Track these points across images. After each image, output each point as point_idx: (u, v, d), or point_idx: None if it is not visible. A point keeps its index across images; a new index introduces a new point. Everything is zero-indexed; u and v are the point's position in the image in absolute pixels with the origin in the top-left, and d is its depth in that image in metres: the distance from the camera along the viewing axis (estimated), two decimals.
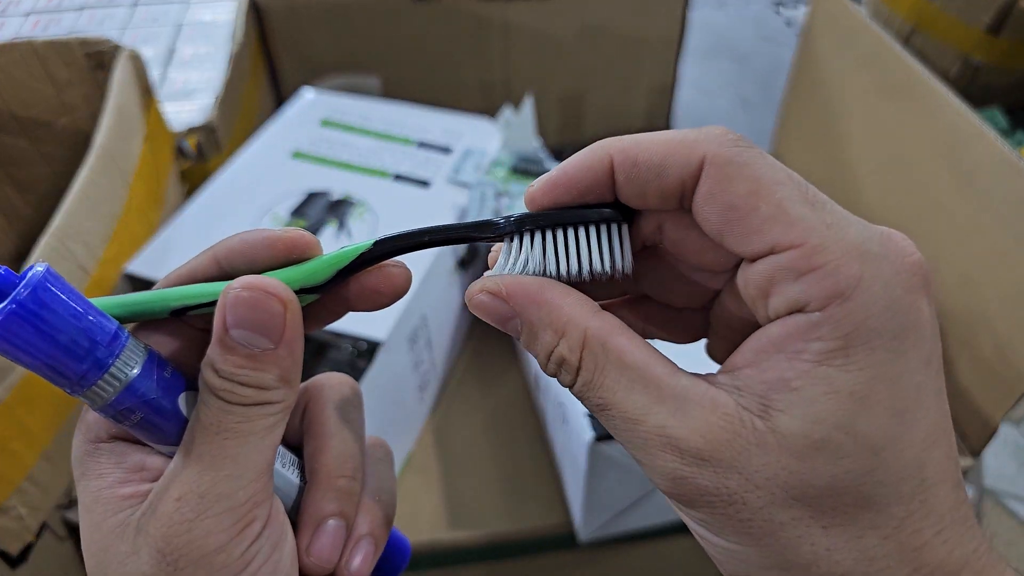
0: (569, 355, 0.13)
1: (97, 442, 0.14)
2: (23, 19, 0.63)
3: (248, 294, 0.13)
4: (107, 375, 0.13)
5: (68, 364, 0.12)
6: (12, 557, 0.34)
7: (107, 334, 0.13)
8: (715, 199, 0.12)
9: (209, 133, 0.51)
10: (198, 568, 0.13)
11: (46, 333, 0.12)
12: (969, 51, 1.04)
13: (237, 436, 0.13)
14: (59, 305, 0.12)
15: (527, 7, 0.83)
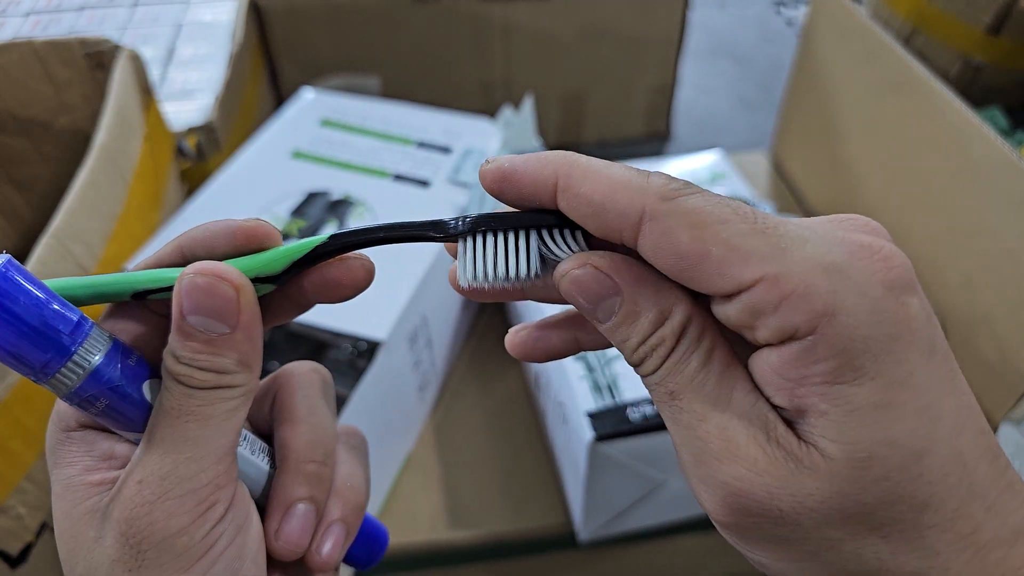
0: (669, 336, 0.13)
1: (68, 431, 0.14)
2: (23, 19, 0.63)
3: (202, 279, 0.13)
4: (70, 363, 0.13)
5: (31, 352, 0.13)
6: (12, 557, 0.34)
7: (69, 323, 0.13)
8: (663, 252, 0.12)
9: (209, 133, 0.51)
10: (161, 551, 0.13)
11: (8, 322, 0.12)
12: (969, 51, 1.04)
13: (198, 419, 0.13)
14: (21, 294, 0.12)
15: (527, 7, 0.83)
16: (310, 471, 0.16)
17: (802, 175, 0.58)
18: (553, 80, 0.93)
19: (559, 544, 0.40)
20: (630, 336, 0.13)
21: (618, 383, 0.31)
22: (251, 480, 0.16)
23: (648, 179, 0.13)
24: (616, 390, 0.31)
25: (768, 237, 0.12)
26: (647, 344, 0.13)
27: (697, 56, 1.26)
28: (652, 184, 0.13)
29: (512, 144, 0.46)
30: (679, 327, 0.13)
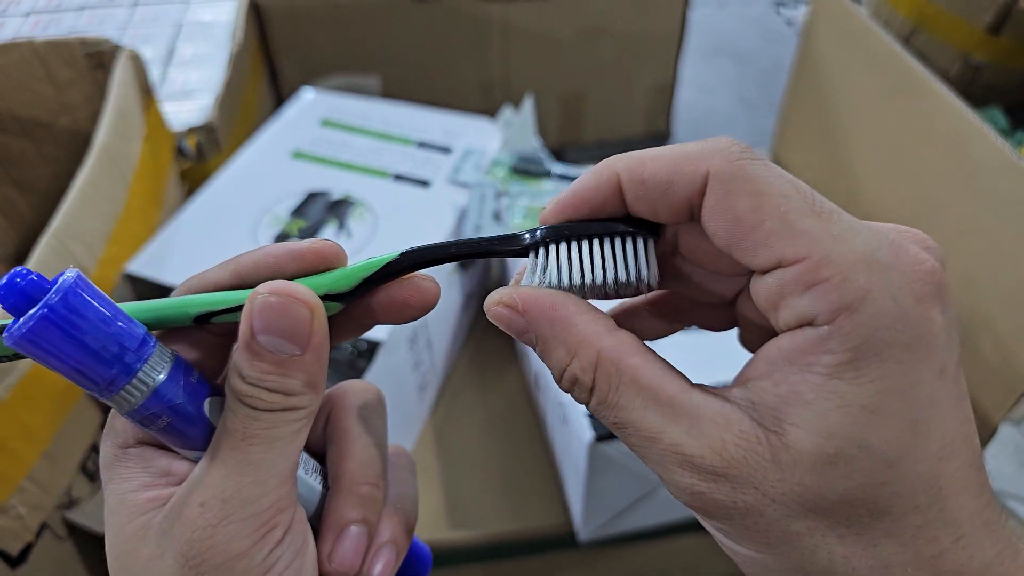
0: (582, 375, 0.13)
1: (125, 447, 0.14)
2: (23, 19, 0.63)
3: (276, 299, 0.13)
4: (135, 380, 0.13)
5: (97, 369, 0.13)
6: (12, 557, 0.34)
7: (135, 339, 0.13)
8: (720, 214, 0.13)
9: (209, 133, 0.51)
10: (220, 572, 0.13)
11: (76, 338, 0.12)
12: (970, 51, 1.04)
13: (262, 442, 0.13)
14: (89, 311, 0.12)
15: (527, 7, 0.83)
16: (364, 493, 0.16)
17: (802, 174, 0.58)
18: (553, 80, 0.93)
19: (559, 544, 0.40)
20: (552, 368, 0.14)
21: None
22: (305, 500, 0.16)
23: (711, 143, 0.13)
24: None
25: (822, 220, 0.12)
26: (565, 378, 0.13)
27: (697, 56, 1.26)
28: (716, 145, 0.13)
29: (512, 144, 0.46)
30: (590, 364, 0.13)
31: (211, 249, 0.39)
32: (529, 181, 0.44)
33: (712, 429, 0.12)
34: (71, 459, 0.37)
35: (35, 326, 0.12)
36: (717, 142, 0.13)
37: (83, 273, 0.18)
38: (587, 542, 0.38)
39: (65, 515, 0.37)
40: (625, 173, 0.14)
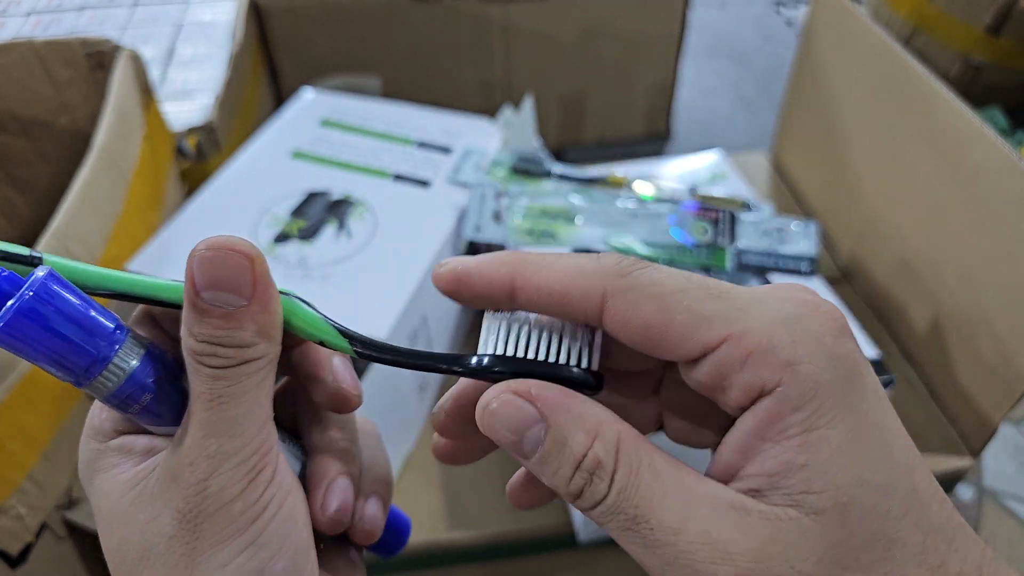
0: (605, 456, 0.13)
1: (105, 441, 0.15)
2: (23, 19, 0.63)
3: (212, 253, 0.13)
4: (111, 366, 0.14)
5: (72, 359, 0.13)
6: (12, 557, 0.34)
7: (107, 329, 0.14)
8: (630, 324, 0.13)
9: (209, 133, 0.51)
10: (216, 520, 0.13)
11: (51, 330, 0.13)
12: (970, 51, 1.04)
13: (231, 399, 0.14)
14: (61, 303, 0.13)
15: (527, 7, 0.83)
16: (343, 447, 0.17)
17: (802, 175, 0.58)
18: (553, 80, 0.93)
19: (558, 544, 0.40)
20: (561, 465, 0.13)
21: None
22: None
23: (600, 260, 0.14)
24: None
25: (724, 300, 0.13)
26: (583, 470, 0.13)
27: (697, 56, 1.26)
28: (607, 264, 0.13)
29: (512, 144, 0.46)
30: (613, 444, 0.13)
31: None
32: (529, 181, 0.44)
33: (736, 514, 0.12)
34: (70, 459, 0.37)
35: (11, 320, 0.12)
36: (607, 259, 0.14)
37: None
38: (586, 542, 0.38)
39: (65, 515, 0.37)
40: (519, 279, 0.14)
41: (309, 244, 0.39)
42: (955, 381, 0.41)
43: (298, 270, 0.38)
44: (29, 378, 0.32)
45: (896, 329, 0.47)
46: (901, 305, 0.46)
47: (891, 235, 0.46)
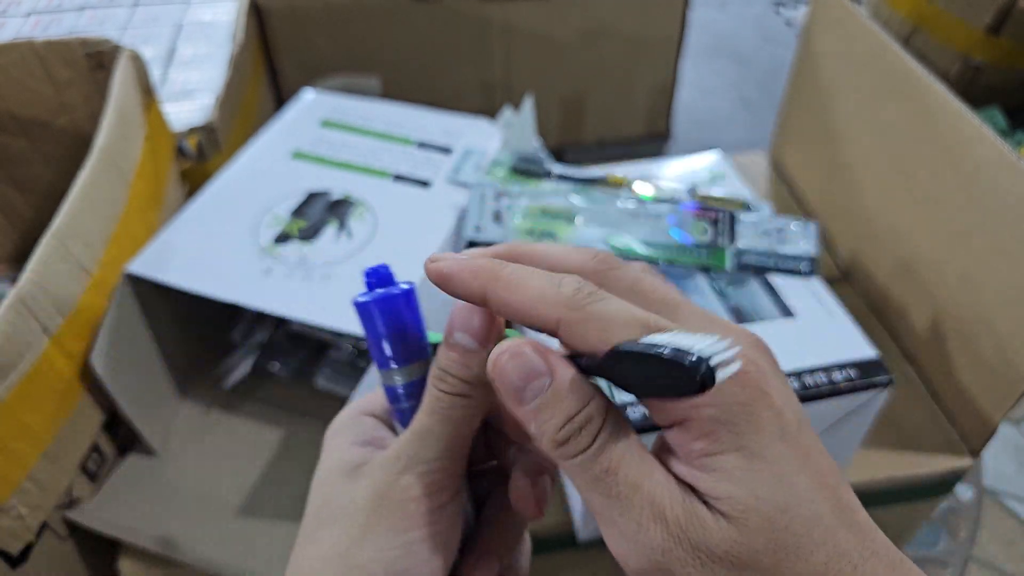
0: (596, 415, 0.15)
1: (363, 415, 0.19)
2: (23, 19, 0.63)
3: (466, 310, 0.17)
4: (413, 367, 0.18)
5: (396, 347, 0.18)
6: (12, 557, 0.34)
7: (424, 344, 0.19)
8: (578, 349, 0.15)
9: (209, 133, 0.51)
10: (398, 509, 0.17)
11: (398, 320, 0.18)
12: (969, 51, 1.04)
13: (442, 418, 0.17)
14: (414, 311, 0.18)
15: (528, 8, 0.83)
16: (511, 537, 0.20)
17: (801, 175, 0.58)
18: (553, 80, 0.93)
19: (559, 543, 0.40)
20: (555, 415, 0.15)
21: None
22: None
23: (559, 289, 0.15)
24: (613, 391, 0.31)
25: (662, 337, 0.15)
26: (574, 423, 0.15)
27: (697, 56, 1.26)
28: (563, 295, 0.15)
29: (512, 145, 0.46)
30: (604, 408, 0.15)
31: (212, 249, 0.39)
32: (529, 181, 0.44)
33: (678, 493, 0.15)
34: (72, 459, 0.37)
35: (385, 296, 0.18)
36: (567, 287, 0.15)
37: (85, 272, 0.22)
38: (586, 541, 0.38)
39: (65, 515, 0.37)
40: (489, 293, 0.16)
41: (310, 244, 0.39)
42: (955, 381, 0.42)
43: (299, 270, 0.38)
44: (30, 377, 0.32)
45: (896, 329, 0.47)
46: (901, 305, 0.46)
47: (891, 235, 0.46)
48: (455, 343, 0.17)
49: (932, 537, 0.65)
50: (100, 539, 0.37)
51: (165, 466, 0.41)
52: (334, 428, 0.19)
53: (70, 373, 0.35)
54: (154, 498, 0.39)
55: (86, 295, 0.35)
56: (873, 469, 0.40)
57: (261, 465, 0.40)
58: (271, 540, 0.37)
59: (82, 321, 0.35)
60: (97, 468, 0.39)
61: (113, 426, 0.40)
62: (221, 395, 0.44)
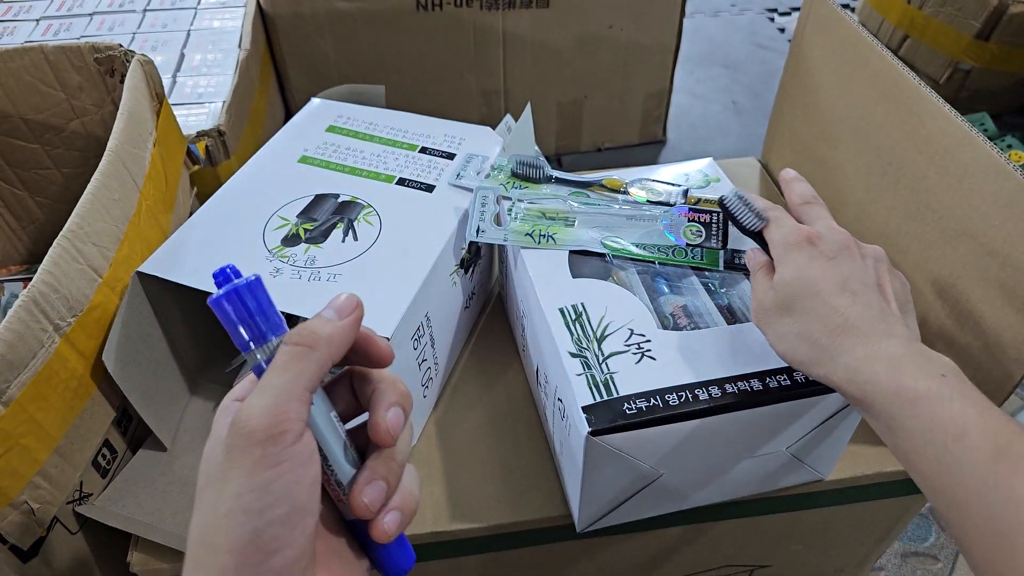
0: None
1: (236, 400, 0.22)
2: (34, 24, 0.64)
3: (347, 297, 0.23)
4: (266, 346, 0.21)
5: (252, 330, 0.21)
6: (23, 551, 0.34)
7: (277, 324, 0.22)
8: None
9: (218, 137, 0.52)
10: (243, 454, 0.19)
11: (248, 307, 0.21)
12: (959, 56, 1.05)
13: (281, 368, 0.20)
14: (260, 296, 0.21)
15: (526, 16, 0.84)
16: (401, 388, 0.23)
17: None
18: (551, 87, 0.94)
19: (558, 535, 0.41)
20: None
21: (614, 380, 0.32)
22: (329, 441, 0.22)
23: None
24: (613, 386, 0.32)
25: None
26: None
27: (691, 63, 1.28)
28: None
29: (512, 151, 0.47)
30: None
31: (220, 251, 0.40)
32: (528, 185, 0.45)
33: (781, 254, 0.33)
34: (82, 455, 0.37)
35: (232, 291, 0.21)
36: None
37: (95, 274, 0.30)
38: (584, 533, 0.39)
39: (76, 510, 0.38)
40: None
41: (317, 246, 0.40)
42: None
43: (306, 271, 0.39)
44: (41, 375, 0.33)
45: None
46: None
47: (880, 237, 0.47)
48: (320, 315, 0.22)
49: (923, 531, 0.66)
50: (111, 533, 0.38)
51: (175, 461, 0.41)
52: (216, 416, 0.22)
53: (82, 371, 0.36)
54: (165, 493, 0.40)
55: (97, 295, 0.36)
56: (863, 464, 0.41)
57: None
58: None
59: (93, 320, 0.36)
60: (108, 464, 0.40)
61: (124, 422, 0.41)
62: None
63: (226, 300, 0.21)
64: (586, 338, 0.34)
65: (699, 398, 0.32)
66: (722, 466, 0.36)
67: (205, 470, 0.20)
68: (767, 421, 0.33)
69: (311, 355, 0.20)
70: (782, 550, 0.48)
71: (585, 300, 0.37)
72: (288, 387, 0.20)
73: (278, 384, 0.20)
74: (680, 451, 0.33)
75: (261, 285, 0.21)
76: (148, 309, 0.40)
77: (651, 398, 0.32)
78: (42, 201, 0.54)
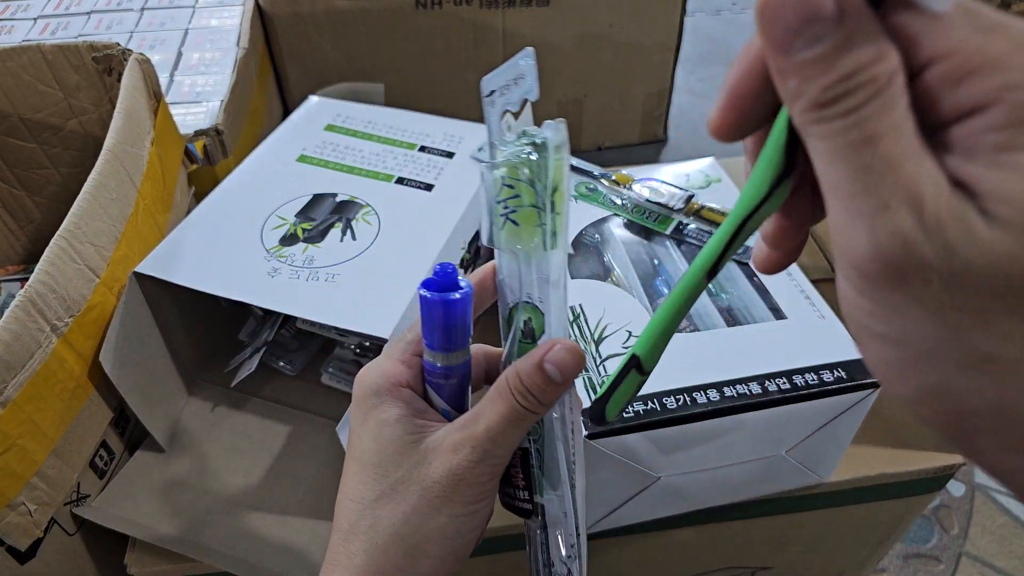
0: (882, 79, 0.12)
1: (398, 385, 0.23)
2: (32, 23, 0.64)
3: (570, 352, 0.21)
4: (457, 353, 0.23)
5: (449, 337, 0.22)
6: (21, 552, 0.34)
7: (468, 338, 0.23)
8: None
9: (216, 137, 0.51)
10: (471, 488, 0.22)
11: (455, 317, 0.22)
12: None
13: (515, 425, 0.21)
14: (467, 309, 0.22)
15: (527, 14, 0.84)
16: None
17: None
18: (551, 86, 0.94)
19: None
20: (832, 70, 0.12)
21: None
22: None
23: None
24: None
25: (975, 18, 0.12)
26: (854, 79, 0.12)
27: (692, 62, 1.27)
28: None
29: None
30: (893, 69, 0.12)
31: (218, 250, 0.40)
32: None
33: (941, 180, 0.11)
34: (80, 456, 0.37)
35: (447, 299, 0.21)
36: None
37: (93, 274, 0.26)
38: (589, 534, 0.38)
39: (74, 511, 0.37)
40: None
41: (315, 245, 0.40)
42: None
43: (304, 270, 0.39)
44: (39, 375, 0.33)
45: None
46: None
47: None
48: (546, 372, 0.21)
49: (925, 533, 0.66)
50: (108, 534, 0.38)
51: (173, 462, 0.41)
52: (373, 390, 0.23)
53: (79, 371, 0.36)
54: (162, 494, 0.39)
55: (95, 295, 0.36)
56: (866, 466, 0.41)
57: (268, 461, 0.41)
58: (278, 535, 0.38)
59: (91, 320, 0.36)
60: (106, 465, 0.40)
61: (122, 423, 0.41)
62: (228, 392, 0.45)
63: (439, 305, 0.21)
64: (584, 340, 0.34)
65: (697, 402, 0.32)
66: (721, 469, 0.36)
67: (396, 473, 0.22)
68: (766, 425, 0.33)
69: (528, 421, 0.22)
70: (783, 552, 0.48)
71: (583, 301, 0.36)
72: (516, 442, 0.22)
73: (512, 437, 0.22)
74: (679, 454, 0.33)
75: (470, 300, 0.22)
76: (146, 309, 0.40)
77: (649, 401, 0.31)
78: (40, 201, 0.54)
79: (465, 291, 0.22)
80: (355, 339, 0.44)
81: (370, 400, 0.23)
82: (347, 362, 0.45)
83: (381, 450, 0.22)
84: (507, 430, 0.21)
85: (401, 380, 0.23)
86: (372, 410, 0.23)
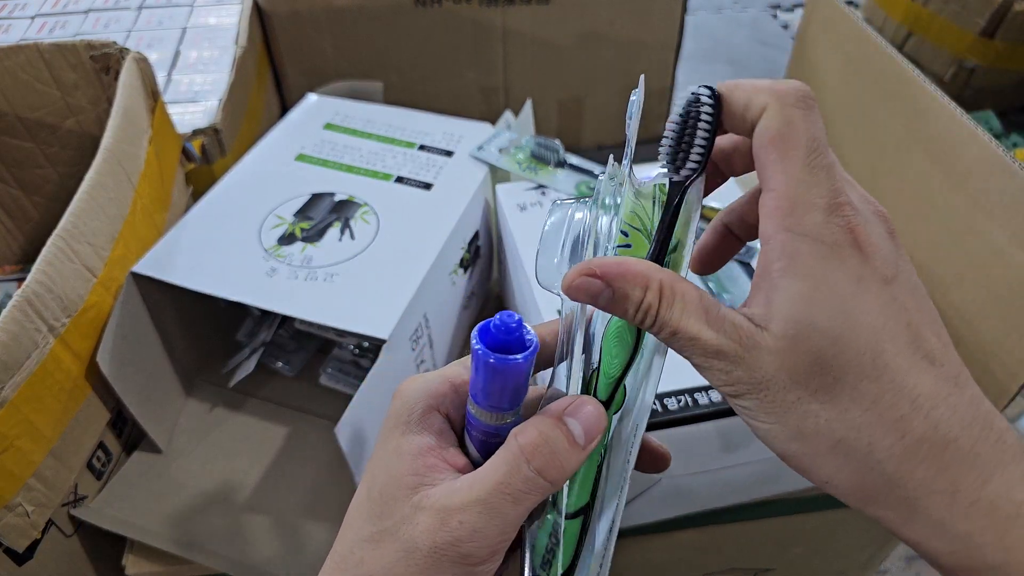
0: (652, 300, 0.18)
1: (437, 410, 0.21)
2: (29, 22, 0.64)
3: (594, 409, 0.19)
4: (507, 415, 0.20)
5: (503, 398, 0.19)
6: (18, 554, 0.34)
7: (520, 403, 0.20)
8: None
9: (214, 136, 0.51)
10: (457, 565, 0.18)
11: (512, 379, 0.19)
12: (964, 54, 1.05)
13: (514, 501, 0.18)
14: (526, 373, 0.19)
15: (527, 11, 0.83)
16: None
17: None
18: (552, 84, 0.93)
19: None
20: (627, 309, 0.18)
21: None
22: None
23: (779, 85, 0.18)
24: None
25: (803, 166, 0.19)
26: (640, 311, 0.18)
27: (693, 60, 1.27)
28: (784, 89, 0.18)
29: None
30: (657, 291, 0.18)
31: (216, 250, 0.40)
32: (544, 168, 0.45)
33: (732, 331, 0.17)
34: (78, 457, 0.37)
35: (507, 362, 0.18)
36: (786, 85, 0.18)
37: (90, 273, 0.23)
38: None
39: (71, 512, 0.37)
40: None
41: (313, 245, 0.40)
42: None
43: (303, 270, 0.38)
44: (37, 376, 0.32)
45: None
46: None
47: None
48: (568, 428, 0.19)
49: None
50: (106, 536, 0.38)
51: (171, 463, 0.41)
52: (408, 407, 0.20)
53: (76, 372, 0.35)
54: (160, 495, 0.39)
55: (92, 295, 0.36)
56: None
57: (266, 462, 0.41)
58: (276, 536, 0.37)
59: (88, 321, 0.35)
60: (103, 466, 0.40)
61: (119, 424, 0.41)
62: (226, 393, 0.45)
63: (497, 366, 0.18)
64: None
65: (699, 403, 0.31)
66: (724, 471, 0.35)
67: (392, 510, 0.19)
68: None
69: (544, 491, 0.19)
70: (786, 553, 0.47)
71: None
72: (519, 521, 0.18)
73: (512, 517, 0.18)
74: (681, 455, 0.33)
75: (530, 363, 0.19)
76: (143, 310, 0.40)
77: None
78: (37, 200, 0.54)
79: (529, 353, 0.18)
80: (353, 340, 0.44)
81: (402, 417, 0.20)
82: (345, 363, 0.45)
83: (384, 485, 0.19)
84: (502, 508, 0.18)
85: (441, 406, 0.21)
86: (394, 430, 0.20)
